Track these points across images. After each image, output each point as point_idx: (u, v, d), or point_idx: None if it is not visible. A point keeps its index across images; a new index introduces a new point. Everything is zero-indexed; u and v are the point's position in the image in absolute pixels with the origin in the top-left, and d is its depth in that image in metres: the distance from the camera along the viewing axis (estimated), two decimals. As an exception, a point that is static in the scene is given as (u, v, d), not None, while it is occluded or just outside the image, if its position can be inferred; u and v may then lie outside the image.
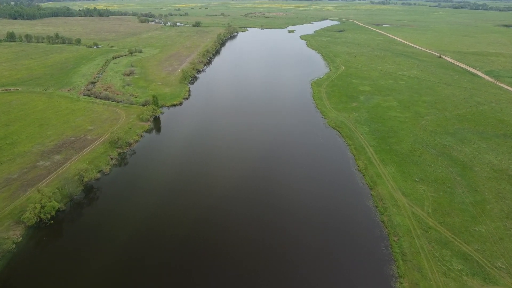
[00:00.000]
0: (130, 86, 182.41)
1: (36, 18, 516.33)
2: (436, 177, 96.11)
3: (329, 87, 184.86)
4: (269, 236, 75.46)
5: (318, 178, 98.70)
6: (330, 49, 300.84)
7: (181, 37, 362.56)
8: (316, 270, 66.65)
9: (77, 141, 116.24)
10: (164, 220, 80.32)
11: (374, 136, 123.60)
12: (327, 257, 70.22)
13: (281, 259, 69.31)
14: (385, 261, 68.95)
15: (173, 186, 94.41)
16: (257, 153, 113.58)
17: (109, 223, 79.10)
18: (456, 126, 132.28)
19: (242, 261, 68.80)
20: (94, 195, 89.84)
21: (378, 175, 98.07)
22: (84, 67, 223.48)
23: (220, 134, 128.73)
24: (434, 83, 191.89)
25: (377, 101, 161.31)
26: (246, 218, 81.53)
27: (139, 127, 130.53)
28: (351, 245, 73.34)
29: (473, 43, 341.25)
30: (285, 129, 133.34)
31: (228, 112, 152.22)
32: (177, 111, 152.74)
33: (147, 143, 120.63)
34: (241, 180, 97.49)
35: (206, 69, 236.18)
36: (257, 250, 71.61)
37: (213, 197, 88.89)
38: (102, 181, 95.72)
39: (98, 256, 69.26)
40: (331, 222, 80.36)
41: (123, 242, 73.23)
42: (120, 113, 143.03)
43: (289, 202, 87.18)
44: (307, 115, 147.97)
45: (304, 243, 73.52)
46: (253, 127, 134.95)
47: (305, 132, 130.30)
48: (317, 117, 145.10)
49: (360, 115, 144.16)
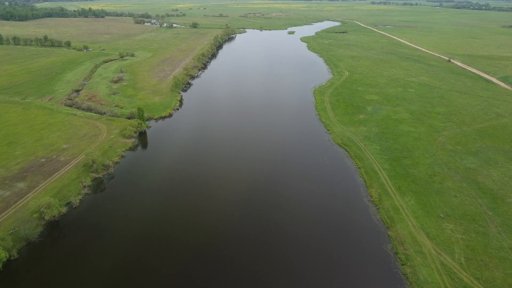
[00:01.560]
0: (117, 95, 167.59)
1: (28, 19, 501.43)
2: (464, 212, 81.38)
3: (333, 96, 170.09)
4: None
5: (324, 210, 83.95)
6: (333, 52, 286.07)
7: (176, 39, 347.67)
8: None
9: (47, 164, 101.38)
10: (142, 268, 65.52)
11: (386, 156, 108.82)
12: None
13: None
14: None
15: (156, 220, 79.63)
16: (253, 179, 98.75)
17: (74, 271, 64.31)
18: (477, 143, 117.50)
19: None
20: (57, 235, 75.11)
21: (395, 208, 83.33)
22: (70, 73, 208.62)
23: (212, 153, 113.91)
24: (446, 91, 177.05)
25: (386, 113, 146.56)
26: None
27: (120, 145, 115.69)
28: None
29: (481, 45, 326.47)
30: (286, 148, 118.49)
31: (222, 126, 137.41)
32: (165, 125, 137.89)
33: (128, 165, 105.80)
34: (234, 215, 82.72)
35: (201, 74, 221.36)
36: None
37: (202, 235, 74.13)
38: (69, 217, 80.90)
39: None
40: (341, 275, 65.60)
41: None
42: (101, 127, 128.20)
43: (290, 248, 72.35)
44: (310, 130, 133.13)
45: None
46: (249, 145, 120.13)
47: (308, 151, 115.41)
48: (321, 132, 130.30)
49: (369, 129, 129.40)
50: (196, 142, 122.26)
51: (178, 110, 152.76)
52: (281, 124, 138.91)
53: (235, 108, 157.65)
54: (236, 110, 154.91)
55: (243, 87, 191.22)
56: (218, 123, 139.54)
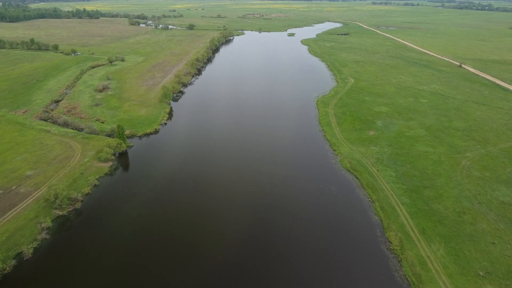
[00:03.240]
0: (99, 107, 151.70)
1: (20, 21, 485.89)
2: (508, 268, 65.59)
3: (338, 108, 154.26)
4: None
5: (333, 260, 68.19)
6: (335, 56, 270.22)
7: (171, 42, 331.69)
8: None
9: (3, 198, 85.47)
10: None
11: (404, 185, 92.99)
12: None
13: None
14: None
15: (132, 275, 63.81)
16: (248, 220, 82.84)
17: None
18: (508, 168, 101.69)
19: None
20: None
21: (421, 261, 67.50)
22: (53, 80, 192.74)
23: (201, 179, 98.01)
24: (462, 102, 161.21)
25: (398, 128, 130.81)
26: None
27: (94, 172, 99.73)
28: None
29: (491, 48, 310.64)
30: (286, 173, 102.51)
31: (214, 144, 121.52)
32: (150, 143, 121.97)
33: (101, 197, 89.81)
34: (229, 262, 66.90)
35: (194, 81, 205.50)
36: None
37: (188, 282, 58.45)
38: (19, 271, 65.08)
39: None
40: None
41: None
42: (76, 148, 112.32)
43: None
44: (314, 150, 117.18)
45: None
46: (245, 169, 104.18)
47: (312, 178, 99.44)
48: (326, 153, 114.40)
49: (381, 150, 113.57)
50: (183, 164, 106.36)
51: (165, 125, 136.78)
52: (282, 143, 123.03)
53: (230, 122, 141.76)
54: (230, 124, 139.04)
55: (239, 97, 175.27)
56: (210, 141, 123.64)
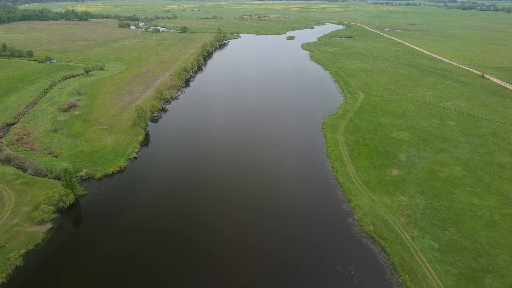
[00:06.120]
0: (58, 133, 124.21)
1: (3, 23, 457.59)
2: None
3: (349, 133, 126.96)
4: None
5: None
6: (340, 64, 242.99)
7: (159, 47, 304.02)
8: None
9: None
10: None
11: (453, 267, 65.67)
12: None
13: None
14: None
15: None
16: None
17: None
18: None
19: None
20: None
21: None
22: (14, 96, 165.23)
23: (180, 245, 70.55)
24: (498, 126, 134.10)
25: (428, 164, 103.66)
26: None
27: (22, 242, 71.93)
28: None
29: (511, 54, 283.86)
30: (287, 248, 75.25)
31: (195, 189, 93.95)
32: (112, 188, 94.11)
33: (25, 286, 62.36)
34: None
35: (180, 95, 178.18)
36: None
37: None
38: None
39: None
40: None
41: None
42: (8, 200, 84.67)
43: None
44: (323, 201, 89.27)
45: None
46: (235, 244, 76.91)
47: (323, 253, 71.94)
48: (339, 206, 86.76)
49: (411, 201, 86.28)
50: (154, 221, 78.80)
51: (135, 160, 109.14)
52: (280, 193, 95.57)
53: (217, 155, 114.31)
54: (217, 158, 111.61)
55: (230, 119, 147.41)
56: (191, 184, 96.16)
